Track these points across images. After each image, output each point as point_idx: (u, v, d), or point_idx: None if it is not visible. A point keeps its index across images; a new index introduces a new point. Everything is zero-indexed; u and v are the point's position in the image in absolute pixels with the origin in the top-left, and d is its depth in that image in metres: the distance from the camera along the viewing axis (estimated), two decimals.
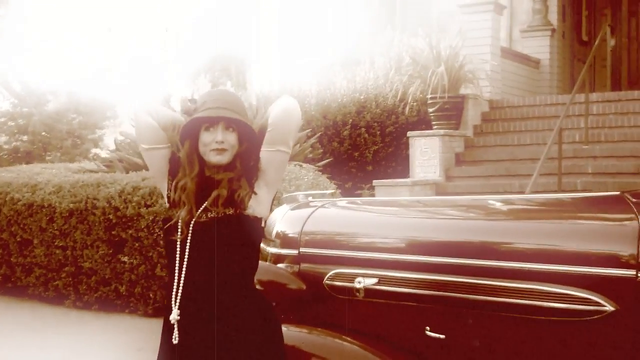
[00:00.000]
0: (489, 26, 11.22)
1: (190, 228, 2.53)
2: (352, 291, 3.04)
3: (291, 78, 12.81)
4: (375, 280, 2.98)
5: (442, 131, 9.95)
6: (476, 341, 2.75)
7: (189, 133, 2.56)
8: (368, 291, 3.00)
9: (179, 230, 2.54)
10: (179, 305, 2.53)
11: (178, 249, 2.54)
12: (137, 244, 7.15)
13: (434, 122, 10.27)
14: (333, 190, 4.02)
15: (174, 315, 2.53)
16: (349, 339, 2.96)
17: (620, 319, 2.46)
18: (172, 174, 2.67)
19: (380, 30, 13.35)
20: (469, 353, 2.78)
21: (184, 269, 2.53)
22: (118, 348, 6.37)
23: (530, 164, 9.49)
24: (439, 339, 2.83)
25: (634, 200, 2.75)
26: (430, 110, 10.27)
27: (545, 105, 11.03)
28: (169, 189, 2.67)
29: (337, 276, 3.10)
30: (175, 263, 2.55)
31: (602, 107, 10.32)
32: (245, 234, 2.57)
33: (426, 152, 9.87)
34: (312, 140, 10.34)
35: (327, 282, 3.12)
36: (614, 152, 9.33)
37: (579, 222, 2.79)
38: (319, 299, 3.16)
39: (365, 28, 13.78)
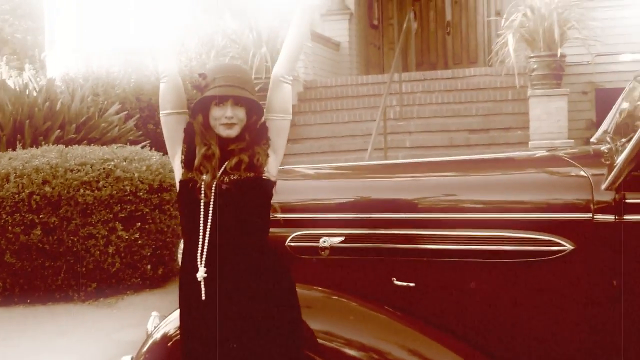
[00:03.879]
0: None
1: (213, 191, 2.62)
2: (316, 250, 3.23)
3: (98, 61, 12.48)
4: (341, 238, 3.19)
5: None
6: (448, 288, 3.05)
7: (201, 107, 2.67)
8: (333, 249, 3.21)
9: (203, 193, 2.62)
10: (204, 264, 2.62)
11: (202, 211, 2.63)
12: None
13: None
14: None
15: (201, 273, 2.62)
16: (320, 288, 3.15)
17: (579, 256, 2.87)
18: (186, 140, 2.75)
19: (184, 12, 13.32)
20: (441, 299, 3.08)
21: (208, 230, 2.62)
22: None
23: (350, 140, 10.04)
24: (408, 287, 3.11)
25: (570, 158, 3.20)
26: None
27: (357, 85, 11.65)
28: (183, 153, 2.74)
29: (299, 237, 3.29)
30: (198, 224, 2.63)
31: (410, 86, 11.08)
32: (263, 195, 2.72)
33: None
34: (132, 122, 10.23)
35: (289, 244, 3.29)
36: (427, 128, 10.11)
37: (536, 175, 3.19)
38: None
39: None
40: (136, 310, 6.47)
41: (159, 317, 3.47)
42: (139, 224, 6.93)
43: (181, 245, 3.55)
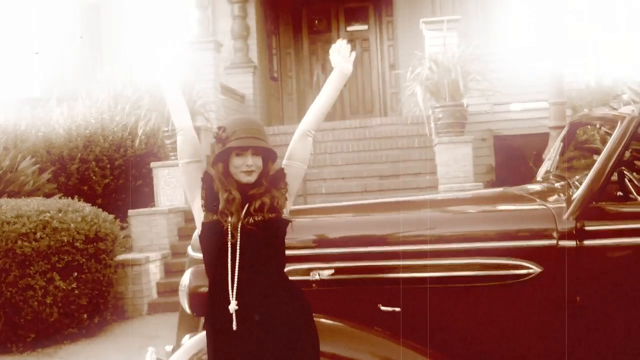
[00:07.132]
0: (211, 63, 11.98)
1: (239, 231, 2.89)
2: (308, 283, 3.53)
3: (4, 114, 12.36)
4: (331, 271, 3.51)
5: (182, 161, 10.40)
6: (430, 312, 3.42)
7: (221, 157, 2.96)
8: (323, 282, 3.52)
9: (230, 234, 2.89)
10: (235, 297, 2.87)
11: (229, 250, 2.89)
12: None
13: (172, 153, 10.66)
14: None
15: (233, 306, 2.86)
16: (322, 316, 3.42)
17: (546, 278, 3.31)
18: (205, 186, 3.01)
19: (94, 64, 13.43)
20: (423, 323, 3.44)
21: (236, 266, 2.88)
22: None
23: None
24: (394, 312, 3.45)
25: (529, 194, 3.66)
26: (168, 142, 10.66)
27: (268, 135, 11.95)
28: (202, 198, 3.00)
29: (290, 272, 3.57)
30: (226, 262, 2.89)
31: (320, 135, 11.50)
32: (282, 234, 3.02)
33: (171, 181, 10.27)
34: (46, 175, 10.25)
35: None
36: (340, 175, 10.54)
37: (504, 209, 3.63)
38: None
39: (76, 62, 13.77)
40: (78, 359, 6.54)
41: (156, 352, 3.67)
42: (76, 273, 7.01)
43: (184, 283, 3.77)
